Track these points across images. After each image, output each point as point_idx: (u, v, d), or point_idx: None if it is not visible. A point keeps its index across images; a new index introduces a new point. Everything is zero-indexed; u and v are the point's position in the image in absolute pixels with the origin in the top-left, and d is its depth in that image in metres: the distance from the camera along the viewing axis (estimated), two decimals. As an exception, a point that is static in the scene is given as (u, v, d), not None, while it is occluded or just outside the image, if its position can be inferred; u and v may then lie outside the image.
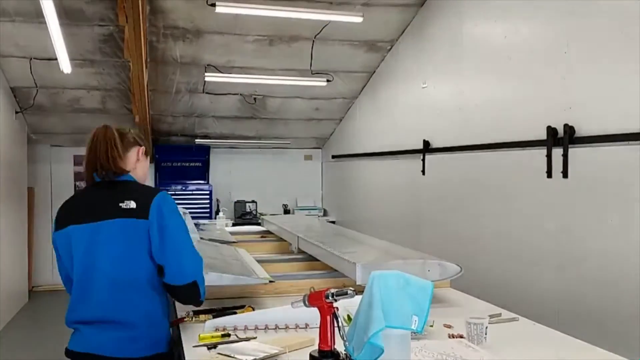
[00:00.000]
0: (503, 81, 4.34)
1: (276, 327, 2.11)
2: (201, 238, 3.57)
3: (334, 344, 1.65)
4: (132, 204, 1.92)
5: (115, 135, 2.05)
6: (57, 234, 2.00)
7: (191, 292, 1.97)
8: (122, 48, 5.37)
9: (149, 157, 2.24)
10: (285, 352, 1.84)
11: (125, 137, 2.11)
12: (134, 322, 1.91)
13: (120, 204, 1.92)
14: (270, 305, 2.34)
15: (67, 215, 2.01)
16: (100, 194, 2.01)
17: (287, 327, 2.12)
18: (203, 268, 2.03)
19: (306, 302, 1.69)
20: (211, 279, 2.29)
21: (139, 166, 2.15)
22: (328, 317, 1.64)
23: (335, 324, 1.64)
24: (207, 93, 6.90)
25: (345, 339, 1.62)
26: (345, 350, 1.65)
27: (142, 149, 2.18)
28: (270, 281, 2.58)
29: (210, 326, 2.09)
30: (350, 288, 1.68)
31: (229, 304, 2.42)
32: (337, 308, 1.66)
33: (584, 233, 3.48)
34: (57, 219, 2.03)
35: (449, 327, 2.12)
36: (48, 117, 6.96)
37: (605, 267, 3.31)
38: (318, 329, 1.66)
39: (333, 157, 8.37)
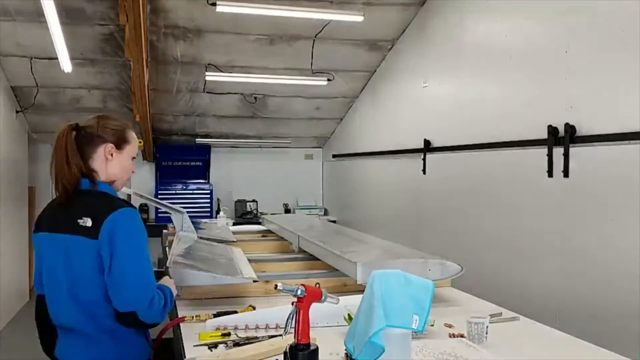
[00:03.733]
0: (504, 80, 4.34)
1: (277, 327, 2.10)
2: (200, 237, 3.57)
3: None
4: (89, 222, 1.80)
5: (67, 140, 1.88)
6: (34, 237, 1.98)
7: (129, 321, 1.82)
8: (122, 47, 5.37)
9: (126, 152, 2.00)
10: None
11: (85, 137, 1.92)
12: (97, 336, 1.84)
13: (79, 220, 1.81)
14: (271, 304, 2.34)
15: (41, 220, 1.97)
16: (64, 206, 1.89)
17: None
18: (153, 296, 1.83)
19: (302, 291, 1.61)
20: (190, 277, 2.34)
21: (110, 166, 1.96)
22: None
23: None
24: (207, 92, 6.90)
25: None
26: (345, 350, 1.65)
27: (109, 146, 1.95)
28: (254, 281, 2.53)
29: (211, 325, 2.09)
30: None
31: (228, 303, 2.41)
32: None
33: (584, 232, 3.48)
34: (36, 221, 2.00)
35: (450, 326, 2.12)
36: (49, 116, 6.95)
37: (605, 266, 3.31)
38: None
39: (334, 156, 8.36)
